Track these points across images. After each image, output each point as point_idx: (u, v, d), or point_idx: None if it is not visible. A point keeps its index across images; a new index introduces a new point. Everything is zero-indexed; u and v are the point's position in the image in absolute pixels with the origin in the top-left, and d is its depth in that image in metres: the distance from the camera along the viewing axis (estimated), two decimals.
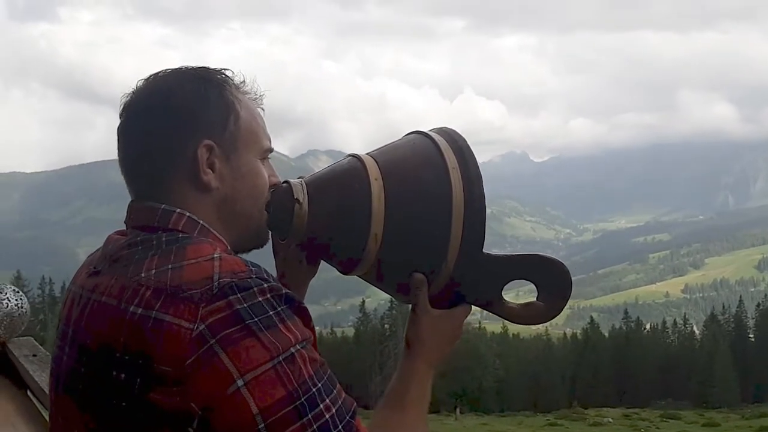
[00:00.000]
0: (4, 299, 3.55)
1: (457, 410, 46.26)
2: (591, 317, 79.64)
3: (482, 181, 1.08)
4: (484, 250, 1.09)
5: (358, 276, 1.14)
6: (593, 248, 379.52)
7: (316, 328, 1.00)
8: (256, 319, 0.83)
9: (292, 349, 0.84)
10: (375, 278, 1.14)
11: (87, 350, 0.90)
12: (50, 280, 62.96)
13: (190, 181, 0.97)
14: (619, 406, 49.15)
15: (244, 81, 1.05)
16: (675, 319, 74.71)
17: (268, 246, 1.17)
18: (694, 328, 75.05)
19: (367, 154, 1.13)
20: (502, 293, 1.15)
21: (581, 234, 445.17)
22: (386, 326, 62.77)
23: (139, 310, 0.85)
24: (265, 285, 0.86)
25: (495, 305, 1.14)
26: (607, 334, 72.67)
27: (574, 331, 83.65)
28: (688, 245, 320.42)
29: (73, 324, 0.95)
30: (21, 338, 3.69)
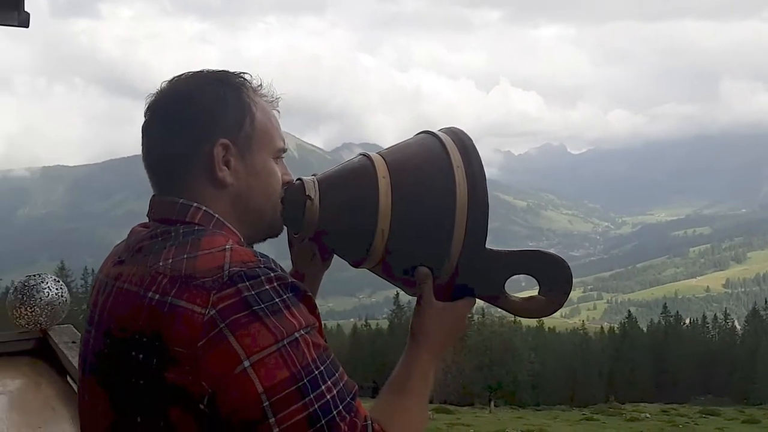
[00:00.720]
0: (45, 288, 3.70)
1: (492, 403, 45.99)
2: (629, 311, 78.36)
3: (485, 179, 1.12)
4: (486, 246, 1.13)
5: (368, 269, 1.21)
6: (632, 241, 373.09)
7: (351, 320, 1.12)
8: (262, 306, 0.90)
9: (296, 334, 0.91)
10: (382, 272, 1.20)
11: (110, 334, 0.98)
12: (92, 270, 64.49)
13: (206, 178, 1.05)
14: (657, 401, 48.42)
15: (261, 84, 1.12)
16: (716, 314, 73.05)
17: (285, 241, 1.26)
18: (736, 324, 73.49)
19: (377, 153, 1.19)
20: (505, 287, 1.20)
21: (619, 227, 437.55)
22: None
23: (157, 296, 0.93)
24: (272, 274, 0.93)
25: (498, 299, 1.20)
26: (645, 329, 71.50)
27: (612, 325, 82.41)
28: (730, 239, 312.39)
29: (99, 310, 1.02)
30: (61, 326, 3.84)
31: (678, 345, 62.45)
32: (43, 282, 3.70)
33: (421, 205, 1.11)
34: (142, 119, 1.09)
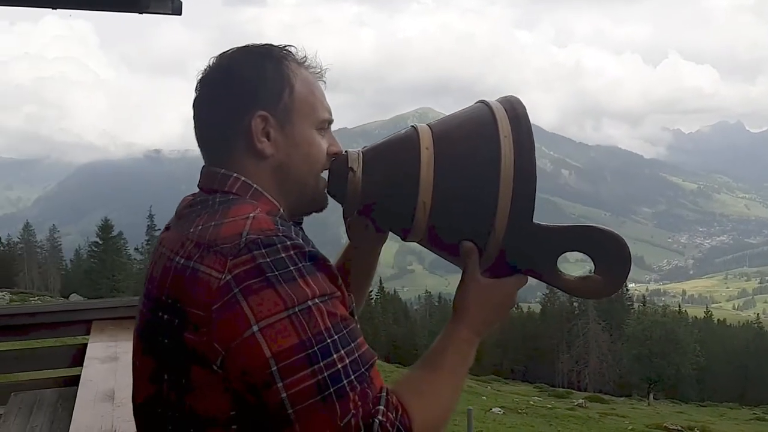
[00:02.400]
0: None
1: (650, 396, 43.78)
2: None
3: (534, 150, 1.08)
4: (535, 220, 1.10)
5: (417, 242, 1.17)
6: None
7: None
8: (276, 273, 0.92)
9: (309, 302, 0.92)
10: (429, 245, 1.17)
11: (149, 295, 1.03)
12: None
13: (247, 149, 1.08)
14: None
15: (306, 57, 1.14)
16: None
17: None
18: None
19: (428, 123, 1.16)
20: (557, 265, 1.15)
21: None
22: (575, 304, 60.68)
23: (182, 261, 0.97)
24: (289, 242, 0.95)
25: (549, 276, 1.15)
26: None
27: None
28: None
29: (148, 273, 1.07)
30: None
31: None
32: None
33: (464, 176, 1.09)
34: None
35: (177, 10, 4.34)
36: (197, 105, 1.11)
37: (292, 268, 0.93)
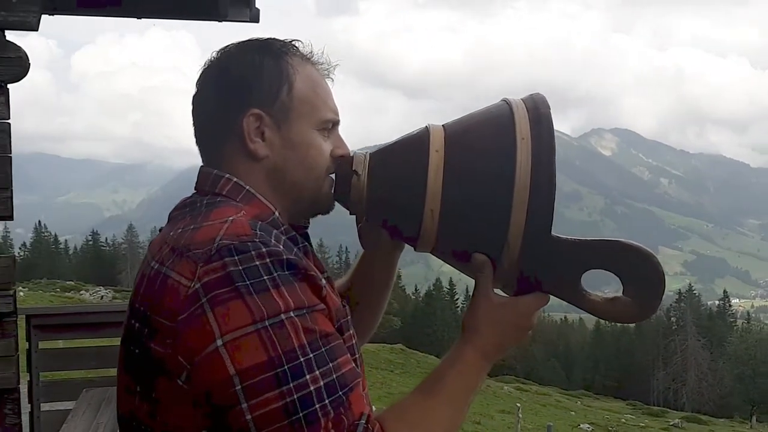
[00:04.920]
0: None
1: (753, 418, 41.21)
2: None
3: (554, 155, 0.98)
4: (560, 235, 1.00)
5: (430, 253, 1.09)
6: None
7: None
8: (247, 282, 0.84)
9: (282, 316, 0.83)
10: (441, 256, 1.08)
11: (130, 303, 0.96)
12: (346, 248, 69.80)
13: (240, 149, 1.00)
14: None
15: (312, 52, 1.06)
16: None
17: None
18: None
19: (444, 123, 1.07)
20: (582, 283, 1.04)
21: None
22: (672, 319, 58.08)
23: (156, 265, 0.91)
24: (264, 249, 0.86)
25: (571, 296, 1.04)
26: None
27: None
28: None
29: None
30: None
31: None
32: None
33: (475, 182, 0.99)
34: (393, 108, 1.11)
35: (255, 18, 4.41)
36: (193, 103, 1.05)
37: (265, 277, 0.85)
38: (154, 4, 4.22)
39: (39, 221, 73.92)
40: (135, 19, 4.38)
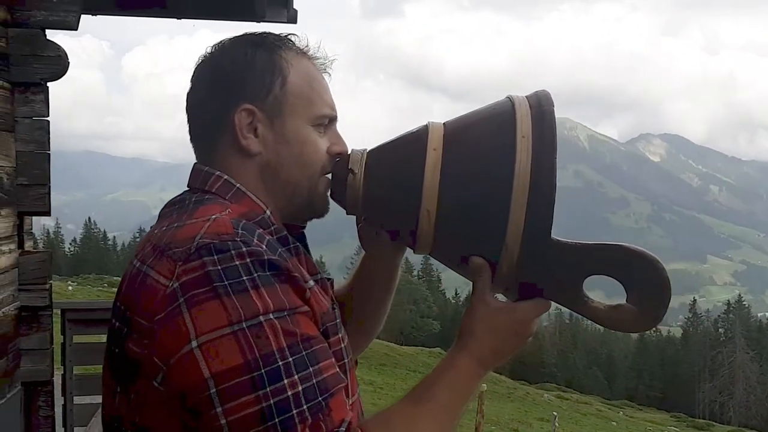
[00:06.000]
0: None
1: None
2: None
3: (555, 154, 0.93)
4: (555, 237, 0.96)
5: (430, 256, 1.06)
6: None
7: None
8: (225, 283, 0.81)
9: (261, 318, 0.81)
10: (441, 259, 1.05)
11: (113, 302, 0.95)
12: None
13: (232, 146, 0.98)
14: None
15: (308, 46, 1.03)
16: None
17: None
18: None
19: (446, 121, 1.03)
20: (584, 289, 1.01)
21: None
22: (720, 330, 56.55)
23: (138, 264, 0.89)
24: (245, 249, 0.84)
25: (572, 302, 1.00)
26: None
27: None
28: None
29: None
30: None
31: None
32: None
33: (473, 181, 0.95)
34: (437, 110, 1.11)
35: (293, 19, 4.45)
36: (186, 100, 1.02)
37: (244, 278, 0.82)
38: (194, 5, 4.29)
39: (89, 218, 75.90)
40: (176, 19, 4.46)
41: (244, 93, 0.97)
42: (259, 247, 0.86)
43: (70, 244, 71.55)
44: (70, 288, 28.37)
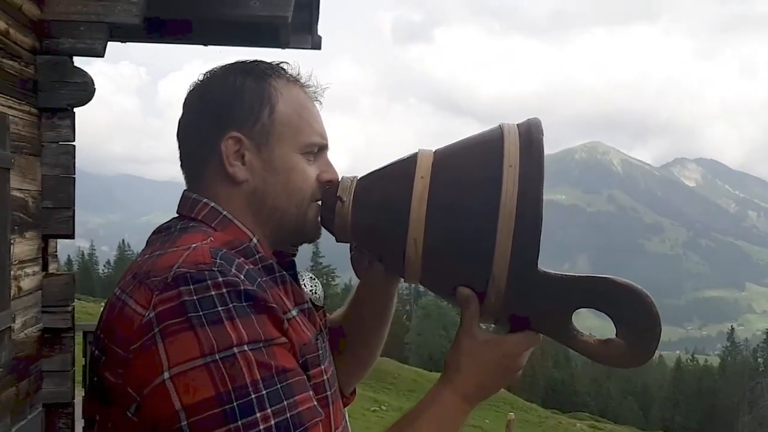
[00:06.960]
0: (300, 286, 3.75)
1: None
2: None
3: (542, 183, 0.92)
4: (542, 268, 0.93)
5: (421, 285, 1.06)
6: None
7: (677, 352, 0.96)
8: (200, 313, 0.80)
9: (235, 349, 0.80)
10: (431, 288, 1.05)
11: (94, 329, 0.94)
12: None
13: (220, 173, 0.98)
14: None
15: (299, 74, 1.04)
16: None
17: None
18: None
19: (437, 148, 1.03)
20: (573, 323, 0.98)
21: None
22: (759, 360, 55.01)
23: (118, 292, 0.89)
24: (221, 279, 0.83)
25: (562, 336, 0.99)
26: None
27: None
28: None
29: None
30: None
31: None
32: (301, 279, 3.79)
33: (459, 210, 0.95)
34: (466, 134, 1.02)
35: (317, 46, 4.51)
36: (177, 126, 1.03)
37: (220, 308, 0.81)
38: (219, 32, 4.36)
39: (123, 240, 77.07)
40: (202, 45, 4.54)
41: (232, 121, 0.97)
42: (236, 278, 0.84)
43: (104, 266, 72.63)
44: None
